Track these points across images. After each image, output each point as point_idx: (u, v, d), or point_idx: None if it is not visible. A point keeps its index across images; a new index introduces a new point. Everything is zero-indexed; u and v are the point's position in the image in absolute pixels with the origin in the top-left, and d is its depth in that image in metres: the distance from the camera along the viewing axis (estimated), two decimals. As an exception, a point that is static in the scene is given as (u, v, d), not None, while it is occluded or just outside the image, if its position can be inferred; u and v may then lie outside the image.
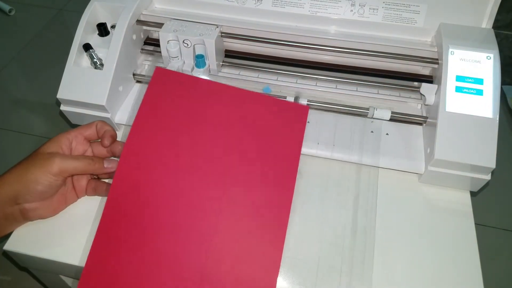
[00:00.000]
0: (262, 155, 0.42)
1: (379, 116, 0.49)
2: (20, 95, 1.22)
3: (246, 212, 0.40)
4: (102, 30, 0.52)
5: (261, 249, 0.38)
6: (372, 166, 0.47)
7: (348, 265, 0.40)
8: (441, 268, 0.40)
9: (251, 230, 0.39)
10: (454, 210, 0.44)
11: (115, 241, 0.39)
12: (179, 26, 0.50)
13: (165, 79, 0.45)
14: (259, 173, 0.41)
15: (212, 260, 0.38)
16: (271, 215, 0.40)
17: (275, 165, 0.42)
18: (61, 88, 0.48)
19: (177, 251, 0.38)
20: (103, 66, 0.49)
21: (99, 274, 0.38)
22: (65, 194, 0.42)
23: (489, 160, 0.41)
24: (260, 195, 0.40)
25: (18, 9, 1.50)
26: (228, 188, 0.40)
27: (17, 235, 0.42)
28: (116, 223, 0.39)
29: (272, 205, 0.40)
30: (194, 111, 0.44)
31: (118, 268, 0.38)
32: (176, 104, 0.44)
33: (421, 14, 0.50)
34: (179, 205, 0.40)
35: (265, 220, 0.39)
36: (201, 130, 0.43)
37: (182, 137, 0.42)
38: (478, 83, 0.44)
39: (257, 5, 0.53)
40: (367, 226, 0.42)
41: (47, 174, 0.38)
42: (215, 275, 0.38)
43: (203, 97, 0.44)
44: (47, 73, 1.24)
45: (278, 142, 0.43)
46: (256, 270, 0.38)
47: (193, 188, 0.40)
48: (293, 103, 0.47)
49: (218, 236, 0.39)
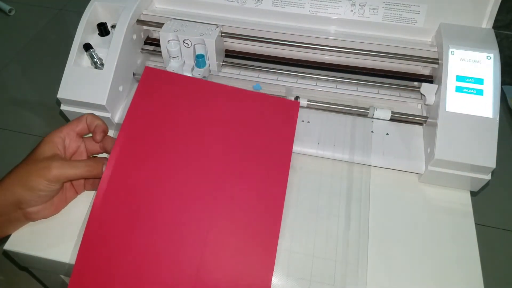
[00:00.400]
0: (254, 151, 0.42)
1: (379, 116, 0.49)
2: (20, 95, 1.22)
3: (240, 207, 0.40)
4: (102, 30, 0.52)
5: (256, 243, 0.39)
6: (373, 166, 0.47)
7: (342, 265, 0.40)
8: (441, 268, 0.40)
9: (246, 225, 0.39)
10: (454, 210, 0.44)
11: (106, 238, 0.38)
12: (179, 26, 0.50)
13: (155, 78, 0.45)
14: (252, 168, 0.41)
15: (208, 255, 0.38)
16: (265, 209, 0.40)
17: (267, 160, 0.42)
18: (61, 88, 0.48)
19: (171, 246, 0.38)
20: (103, 66, 0.49)
21: (90, 273, 0.38)
22: (65, 193, 0.43)
23: (489, 160, 0.41)
24: (253, 191, 0.40)
25: (18, 9, 1.50)
26: (221, 184, 0.40)
27: (17, 235, 0.42)
28: (107, 219, 0.39)
29: (266, 200, 0.40)
30: (185, 109, 0.44)
31: (110, 266, 0.38)
32: (166, 103, 0.44)
33: (421, 14, 0.50)
34: (172, 201, 0.40)
35: (259, 215, 0.39)
36: (193, 128, 0.43)
37: (173, 135, 0.42)
38: (478, 83, 0.44)
39: (257, 5, 0.54)
40: (362, 221, 0.42)
41: (46, 181, 0.37)
42: (211, 271, 0.38)
43: (194, 96, 0.44)
44: (47, 73, 1.24)
45: (270, 137, 0.43)
46: (252, 265, 0.38)
47: (186, 184, 0.40)
48: (283, 99, 0.47)
49: (212, 231, 0.39)
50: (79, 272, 0.37)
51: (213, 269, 0.38)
